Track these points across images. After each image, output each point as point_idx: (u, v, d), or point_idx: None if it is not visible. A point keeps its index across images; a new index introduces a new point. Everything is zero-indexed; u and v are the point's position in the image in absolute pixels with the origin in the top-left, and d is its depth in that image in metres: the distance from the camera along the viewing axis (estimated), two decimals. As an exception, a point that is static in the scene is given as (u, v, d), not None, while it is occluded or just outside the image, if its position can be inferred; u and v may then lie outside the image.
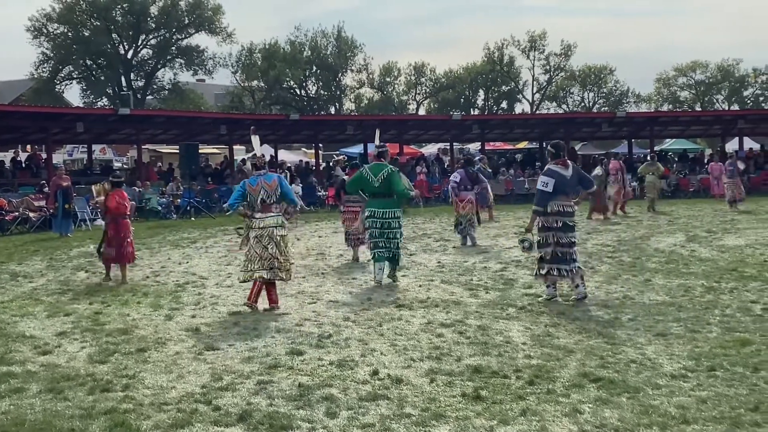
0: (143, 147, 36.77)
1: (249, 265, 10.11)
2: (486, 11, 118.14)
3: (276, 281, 10.18)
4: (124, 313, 10.06)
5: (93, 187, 15.23)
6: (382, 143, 12.73)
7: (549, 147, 10.82)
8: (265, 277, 9.99)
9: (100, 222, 22.47)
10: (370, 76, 69.33)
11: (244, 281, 10.37)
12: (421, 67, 70.35)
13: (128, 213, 13.35)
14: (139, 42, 60.45)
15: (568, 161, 10.56)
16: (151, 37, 60.95)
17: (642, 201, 26.05)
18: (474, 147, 46.51)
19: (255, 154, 11.11)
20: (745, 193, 25.47)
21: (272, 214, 10.19)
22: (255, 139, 11.08)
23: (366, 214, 12.14)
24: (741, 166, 26.75)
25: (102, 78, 60.50)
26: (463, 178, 17.09)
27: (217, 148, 44.99)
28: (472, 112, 66.53)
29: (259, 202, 10.16)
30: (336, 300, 10.64)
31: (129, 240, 13.07)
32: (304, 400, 6.34)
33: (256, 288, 10.00)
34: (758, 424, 5.64)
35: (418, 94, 72.08)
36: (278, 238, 10.12)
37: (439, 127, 41.87)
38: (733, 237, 16.94)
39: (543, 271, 10.29)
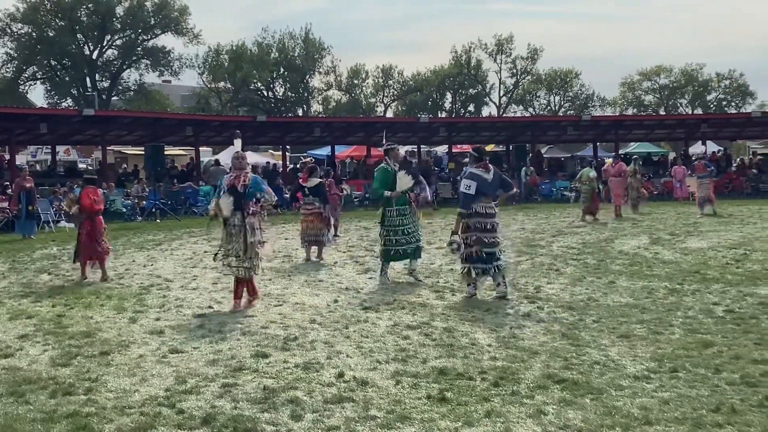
0: (108, 148, 36.46)
1: None
2: (453, 14, 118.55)
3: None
4: (87, 315, 9.96)
5: (64, 205, 15.23)
6: (388, 142, 12.87)
7: (471, 151, 11.19)
8: None
9: (63, 224, 22.30)
10: (338, 78, 69.39)
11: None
12: (388, 69, 70.52)
13: (101, 210, 13.37)
14: (105, 42, 59.97)
15: (489, 165, 10.93)
16: (116, 37, 60.52)
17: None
18: (441, 150, 46.71)
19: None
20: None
21: None
22: (238, 142, 11.28)
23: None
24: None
25: (66, 78, 59.95)
26: None
27: (183, 149, 44.71)
28: (439, 115, 66.74)
29: None
30: (302, 302, 10.61)
31: (104, 236, 13.25)
32: (269, 402, 6.31)
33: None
34: (720, 425, 5.70)
35: (386, 96, 72.23)
36: None
37: (406, 129, 41.91)
38: (696, 240, 17.15)
39: (465, 270, 10.69)
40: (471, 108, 72.19)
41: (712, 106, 70.09)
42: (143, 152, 32.55)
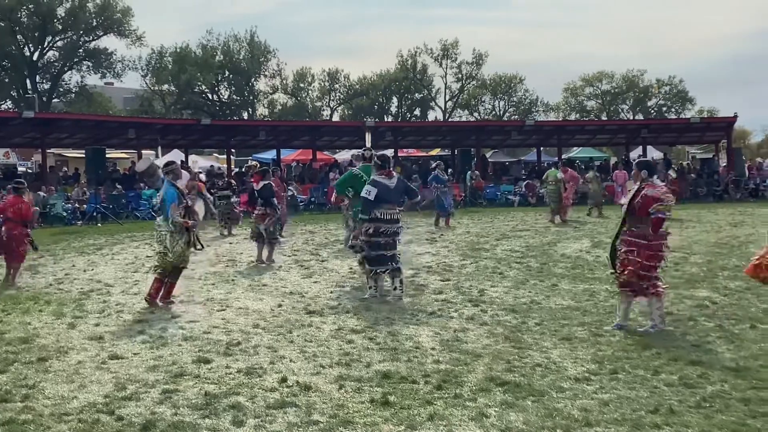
0: (48, 151, 35.83)
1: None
2: (399, 19, 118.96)
3: (175, 279, 10.82)
4: (25, 321, 9.75)
5: None
6: (369, 147, 13.08)
7: (376, 159, 11.60)
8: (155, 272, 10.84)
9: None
10: (284, 81, 69.22)
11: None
12: (335, 73, 70.57)
13: (18, 218, 12.96)
14: (45, 44, 58.94)
15: (393, 172, 11.43)
16: (57, 38, 59.52)
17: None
18: (387, 153, 46.71)
19: (166, 162, 11.40)
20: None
21: (161, 219, 10.84)
22: (159, 150, 11.52)
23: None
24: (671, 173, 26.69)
25: (6, 80, 58.81)
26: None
27: (125, 152, 44.12)
28: (385, 119, 66.89)
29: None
30: (246, 307, 10.53)
31: (22, 241, 13.00)
32: (210, 408, 6.25)
33: (155, 285, 10.67)
34: (658, 425, 5.79)
35: (332, 100, 72.22)
36: (165, 237, 10.67)
37: (352, 133, 41.95)
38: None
39: (370, 273, 11.05)
40: (417, 112, 72.56)
41: (652, 111, 71.38)
42: (84, 155, 32.11)
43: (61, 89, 61.63)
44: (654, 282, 8.74)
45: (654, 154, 43.26)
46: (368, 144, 13.74)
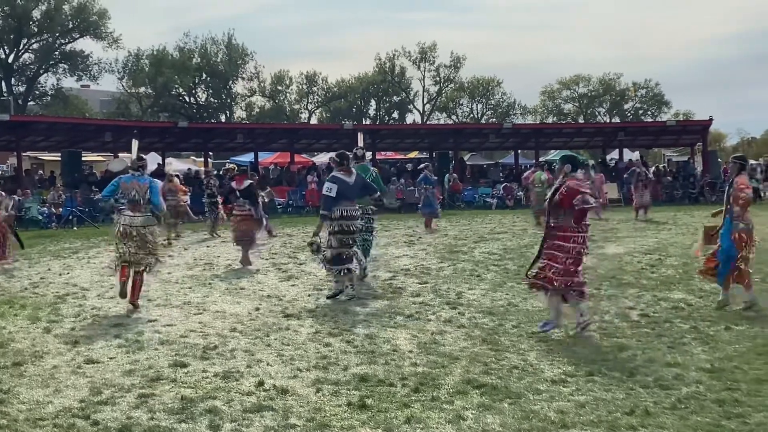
0: (24, 154, 35.56)
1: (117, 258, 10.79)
2: (376, 22, 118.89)
3: (140, 281, 10.73)
4: (0, 325, 9.67)
5: None
6: (361, 146, 13.29)
7: (335, 156, 11.80)
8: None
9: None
10: (262, 84, 69.08)
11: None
12: (312, 76, 70.57)
13: None
14: (21, 46, 58.52)
15: (352, 169, 11.60)
16: (33, 41, 59.14)
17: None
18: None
19: (137, 157, 11.48)
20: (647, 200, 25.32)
21: (140, 214, 10.72)
22: (134, 144, 11.43)
23: None
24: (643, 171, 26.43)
25: (-20, 83, 58.32)
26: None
27: (101, 155, 43.84)
28: (363, 122, 66.90)
29: (128, 200, 10.71)
30: (223, 310, 10.49)
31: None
32: (187, 413, 6.22)
33: (122, 279, 10.59)
34: (634, 427, 5.82)
35: (310, 103, 72.17)
36: (144, 234, 10.69)
37: (330, 136, 41.95)
38: (612, 245, 17.50)
39: (339, 272, 11.17)
40: (395, 115, 72.65)
41: (629, 114, 71.82)
42: (60, 158, 31.92)
43: (37, 92, 61.23)
44: (576, 283, 8.76)
45: (631, 156, 43.61)
46: (360, 143, 13.82)
